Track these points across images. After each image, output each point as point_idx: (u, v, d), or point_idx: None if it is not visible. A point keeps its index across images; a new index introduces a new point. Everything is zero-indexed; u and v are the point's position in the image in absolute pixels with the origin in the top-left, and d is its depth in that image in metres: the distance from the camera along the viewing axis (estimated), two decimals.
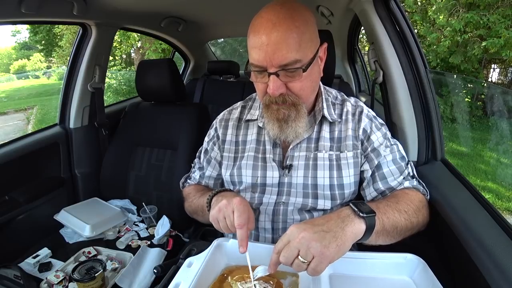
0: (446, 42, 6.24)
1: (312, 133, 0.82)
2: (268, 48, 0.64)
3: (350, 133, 0.82)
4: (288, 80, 0.69)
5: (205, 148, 0.97)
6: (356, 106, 0.86)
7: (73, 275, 0.82)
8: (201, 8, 1.59)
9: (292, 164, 0.81)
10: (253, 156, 0.84)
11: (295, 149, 0.82)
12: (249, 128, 0.89)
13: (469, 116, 6.50)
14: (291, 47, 0.64)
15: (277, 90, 0.68)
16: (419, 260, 0.64)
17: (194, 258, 0.64)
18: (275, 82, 0.67)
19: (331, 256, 0.54)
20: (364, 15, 1.01)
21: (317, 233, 0.55)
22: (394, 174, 0.78)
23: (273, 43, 0.64)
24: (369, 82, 2.03)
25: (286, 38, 0.64)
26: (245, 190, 0.85)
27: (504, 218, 0.66)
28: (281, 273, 0.65)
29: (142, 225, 1.34)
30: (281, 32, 0.64)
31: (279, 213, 0.82)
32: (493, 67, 7.47)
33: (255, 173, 0.83)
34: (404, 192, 0.76)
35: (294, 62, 0.66)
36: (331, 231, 0.56)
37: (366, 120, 0.82)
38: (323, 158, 0.80)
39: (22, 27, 16.16)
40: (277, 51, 0.64)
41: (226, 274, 0.65)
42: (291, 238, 0.56)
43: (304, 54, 0.67)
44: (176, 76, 1.44)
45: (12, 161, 1.24)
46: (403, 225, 0.68)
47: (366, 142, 0.81)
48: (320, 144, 0.81)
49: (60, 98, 1.51)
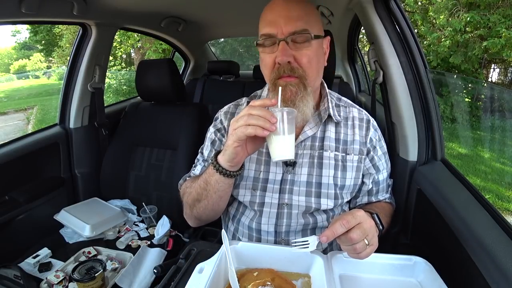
0: (447, 42, 6.24)
1: (317, 131, 0.83)
2: (280, 19, 0.70)
3: (357, 138, 0.84)
4: (296, 49, 0.72)
5: (212, 139, 0.92)
6: (363, 113, 0.88)
7: (73, 275, 0.82)
8: (201, 8, 1.59)
9: (296, 162, 0.81)
10: (257, 151, 0.83)
11: (299, 146, 0.82)
12: None
13: (469, 116, 6.50)
14: (301, 17, 0.71)
15: (285, 56, 0.70)
16: (426, 263, 0.65)
17: (204, 263, 0.63)
18: (284, 47, 0.70)
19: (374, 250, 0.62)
20: (364, 15, 1.01)
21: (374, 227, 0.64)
22: (384, 190, 0.91)
23: (284, 14, 0.70)
24: (369, 82, 2.03)
25: (297, 9, 0.71)
26: (245, 186, 0.84)
27: (504, 218, 0.66)
28: (293, 275, 0.66)
29: (142, 225, 1.34)
30: (293, 5, 0.71)
31: (283, 217, 0.82)
32: (493, 67, 7.47)
33: (258, 168, 0.82)
34: (386, 205, 0.90)
35: (303, 30, 0.71)
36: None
37: (372, 130, 0.86)
38: (328, 157, 0.81)
39: (22, 27, 16.16)
40: (288, 20, 0.70)
41: (238, 278, 0.64)
42: (363, 220, 0.61)
43: (312, 27, 0.72)
44: (176, 76, 1.44)
45: (12, 161, 1.24)
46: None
47: (372, 151, 0.85)
48: (326, 144, 0.82)
49: (60, 98, 1.51)
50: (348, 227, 0.60)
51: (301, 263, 0.67)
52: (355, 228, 0.60)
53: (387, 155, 0.90)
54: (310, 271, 0.67)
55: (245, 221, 0.86)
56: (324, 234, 0.60)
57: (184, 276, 0.66)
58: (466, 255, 0.64)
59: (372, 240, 0.61)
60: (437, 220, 0.77)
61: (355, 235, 0.59)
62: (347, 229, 0.60)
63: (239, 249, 0.69)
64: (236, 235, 0.90)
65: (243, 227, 0.87)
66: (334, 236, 0.60)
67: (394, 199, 0.96)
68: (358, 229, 0.60)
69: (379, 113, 1.20)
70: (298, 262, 0.67)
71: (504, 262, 0.56)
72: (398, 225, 0.98)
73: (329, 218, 0.83)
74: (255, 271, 0.65)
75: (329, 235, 0.60)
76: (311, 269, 0.66)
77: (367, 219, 0.62)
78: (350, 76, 2.26)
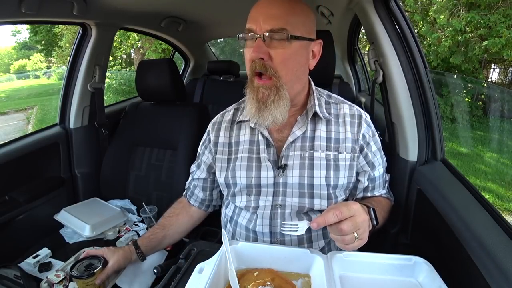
0: (447, 42, 6.24)
1: (305, 131, 0.82)
2: (260, 16, 0.71)
3: (349, 136, 0.82)
4: (273, 47, 0.71)
5: (198, 152, 0.99)
6: (354, 109, 0.86)
7: (71, 272, 0.82)
8: (201, 8, 1.59)
9: (287, 164, 0.80)
10: (247, 157, 0.84)
11: (289, 148, 0.81)
12: (241, 129, 0.88)
13: (469, 116, 6.51)
14: (281, 16, 0.70)
15: (259, 51, 0.70)
16: (426, 263, 0.65)
17: (204, 263, 0.63)
18: (259, 44, 0.70)
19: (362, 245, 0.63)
20: (364, 15, 1.01)
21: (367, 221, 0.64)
22: (381, 186, 0.90)
23: (265, 11, 0.71)
24: (369, 82, 2.03)
25: (278, 8, 0.70)
26: (240, 193, 0.85)
27: (504, 218, 0.66)
28: (293, 275, 0.66)
29: (142, 225, 1.34)
30: (275, 4, 0.71)
31: (276, 217, 0.81)
32: (493, 67, 7.48)
33: (250, 174, 0.82)
34: (384, 200, 0.90)
35: (280, 29, 0.70)
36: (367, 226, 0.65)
37: (365, 126, 0.84)
38: (319, 157, 0.80)
39: (22, 27, 16.19)
40: (267, 18, 0.70)
41: (238, 278, 0.64)
42: (357, 214, 0.61)
43: (292, 28, 0.71)
44: (176, 76, 1.44)
45: (12, 161, 1.24)
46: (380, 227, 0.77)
47: (366, 148, 0.84)
48: (316, 144, 0.81)
49: (60, 98, 1.51)
50: (341, 218, 0.60)
51: (301, 263, 0.67)
52: (347, 220, 0.60)
53: (381, 151, 0.88)
54: (310, 271, 0.67)
55: (242, 222, 0.86)
56: (315, 221, 0.61)
57: (184, 276, 0.66)
58: (466, 255, 0.64)
59: (363, 235, 0.62)
60: (437, 220, 0.77)
61: (346, 227, 0.60)
62: (339, 220, 0.60)
63: (239, 249, 0.69)
64: (234, 236, 0.90)
65: (241, 228, 0.87)
66: (325, 224, 0.61)
67: (394, 199, 0.95)
68: (350, 222, 0.60)
69: (379, 113, 1.20)
70: (298, 262, 0.67)
71: (504, 262, 0.56)
72: (398, 225, 0.98)
73: None
74: (255, 271, 0.65)
75: (320, 222, 0.60)
76: (311, 269, 0.66)
77: (361, 214, 0.63)
78: (350, 76, 2.26)
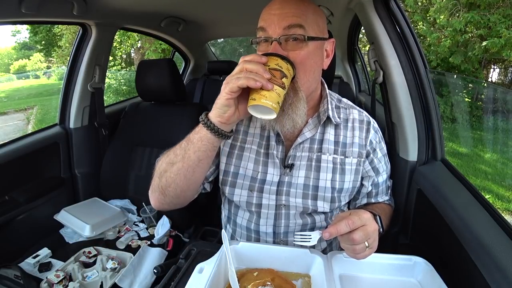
0: (447, 42, 6.24)
1: (315, 133, 0.82)
2: (274, 17, 0.69)
3: (357, 141, 0.82)
4: (289, 49, 0.69)
5: None
6: (363, 115, 0.87)
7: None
8: (201, 8, 1.59)
9: (293, 164, 0.80)
10: (256, 150, 0.82)
11: (297, 148, 0.81)
12: (251, 121, 0.86)
13: (469, 116, 6.51)
14: (297, 16, 0.68)
15: None
16: (426, 263, 0.65)
17: (204, 263, 0.63)
18: (275, 47, 0.67)
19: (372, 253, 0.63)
20: (364, 15, 1.01)
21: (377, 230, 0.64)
22: (384, 192, 0.90)
23: (280, 12, 0.69)
24: (369, 82, 2.03)
25: (292, 8, 0.69)
26: (242, 186, 0.83)
27: (504, 218, 0.66)
28: (293, 275, 0.66)
29: (142, 225, 1.34)
30: (289, 4, 0.69)
31: (281, 217, 0.81)
32: (493, 67, 7.48)
33: (256, 168, 0.81)
34: (386, 207, 0.91)
35: (297, 26, 0.68)
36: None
37: (373, 132, 0.84)
38: (326, 160, 0.80)
39: (22, 27, 16.16)
40: (283, 17, 0.68)
41: (238, 278, 0.64)
42: (367, 223, 0.62)
43: (308, 27, 0.69)
44: (176, 76, 1.44)
45: (12, 161, 1.24)
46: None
47: (372, 154, 0.84)
48: (324, 147, 0.81)
49: (60, 98, 1.51)
50: (353, 228, 0.60)
51: (301, 263, 0.67)
52: (358, 229, 0.60)
53: (387, 157, 0.89)
54: (310, 271, 0.67)
55: (241, 222, 0.86)
56: (327, 231, 0.60)
57: (184, 276, 0.66)
58: (466, 255, 0.64)
59: (373, 243, 0.62)
60: (437, 220, 0.77)
61: (358, 237, 0.59)
62: (351, 230, 0.60)
63: (239, 249, 0.69)
64: (234, 236, 0.90)
65: (241, 229, 0.87)
66: (337, 234, 0.60)
67: (394, 200, 0.96)
68: (361, 231, 0.60)
69: (379, 113, 1.20)
70: (298, 262, 0.67)
71: (504, 262, 0.56)
72: (398, 225, 0.98)
73: (327, 218, 0.83)
74: (255, 271, 0.65)
75: (332, 232, 0.60)
76: (311, 269, 0.67)
77: (372, 223, 0.63)
78: (350, 76, 2.26)
